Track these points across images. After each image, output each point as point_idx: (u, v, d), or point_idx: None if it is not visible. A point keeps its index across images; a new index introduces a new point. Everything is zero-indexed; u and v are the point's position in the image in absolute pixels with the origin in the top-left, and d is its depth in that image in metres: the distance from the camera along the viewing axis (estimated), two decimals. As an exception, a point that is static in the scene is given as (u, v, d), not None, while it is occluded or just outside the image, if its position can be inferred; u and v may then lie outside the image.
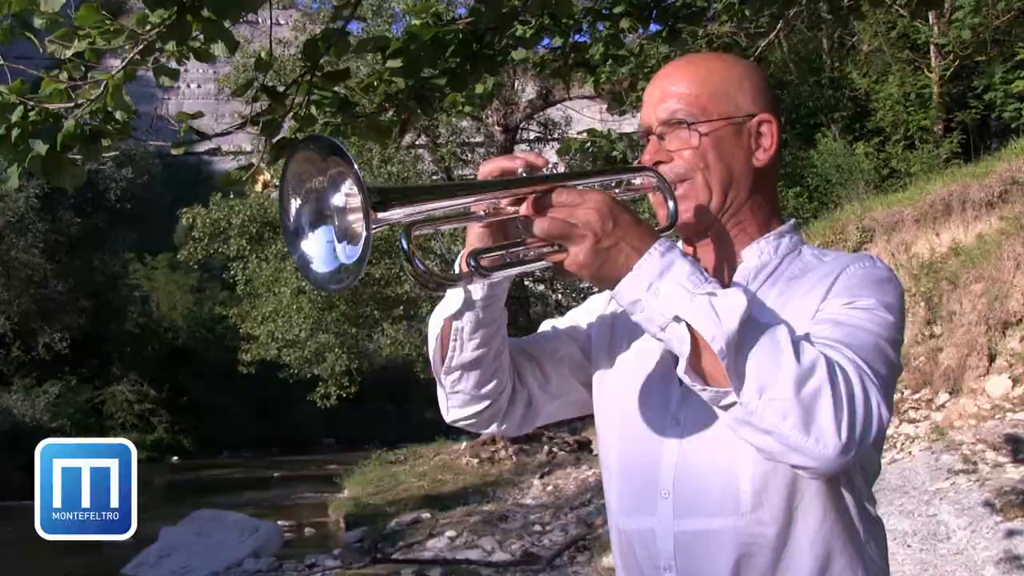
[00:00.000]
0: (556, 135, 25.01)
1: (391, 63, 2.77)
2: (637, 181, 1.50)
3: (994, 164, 12.75)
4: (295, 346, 19.14)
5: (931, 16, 15.90)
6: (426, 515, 13.50)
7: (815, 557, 1.37)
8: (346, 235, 1.18)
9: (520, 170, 1.28)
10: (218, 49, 2.34)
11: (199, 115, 2.85)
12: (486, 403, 1.55)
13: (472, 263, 1.25)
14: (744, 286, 1.44)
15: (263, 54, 2.95)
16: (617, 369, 1.59)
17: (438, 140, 20.12)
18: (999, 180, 12.14)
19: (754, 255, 1.50)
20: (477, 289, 1.41)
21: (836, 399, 1.15)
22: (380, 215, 1.11)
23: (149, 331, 40.66)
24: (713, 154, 1.46)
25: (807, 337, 1.24)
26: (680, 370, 1.20)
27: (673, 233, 1.47)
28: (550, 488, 16.30)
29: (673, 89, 1.49)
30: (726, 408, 1.19)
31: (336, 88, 2.86)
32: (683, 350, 1.18)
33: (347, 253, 1.17)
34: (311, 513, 17.50)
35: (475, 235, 1.36)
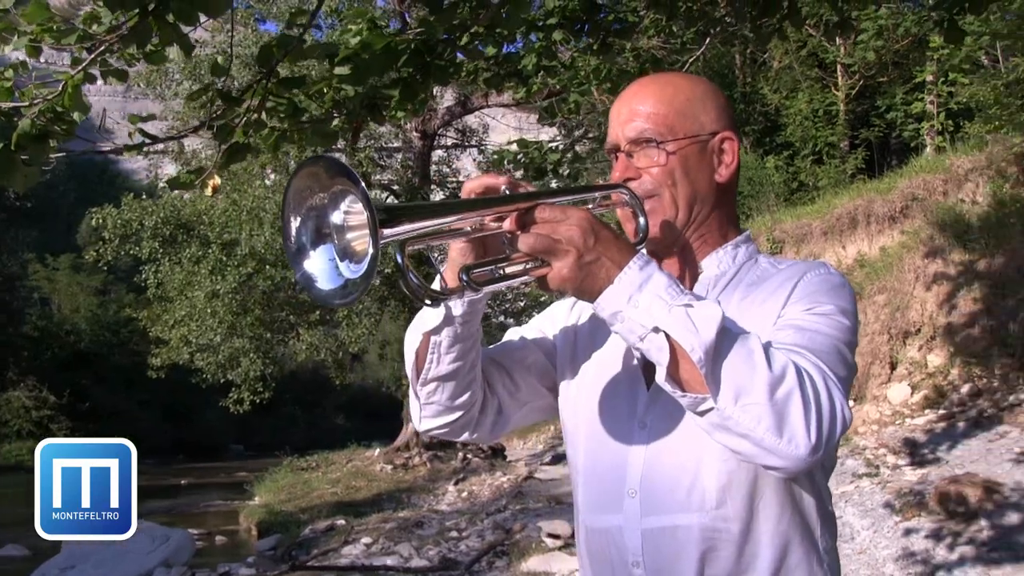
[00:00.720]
0: (474, 142, 25.07)
1: (339, 70, 2.78)
2: (608, 197, 1.56)
3: (896, 181, 13.30)
4: (208, 351, 18.76)
5: (838, 37, 16.52)
6: (341, 522, 13.36)
7: (774, 549, 1.45)
8: (347, 253, 1.21)
9: (504, 187, 1.33)
10: (173, 53, 2.33)
11: (151, 117, 2.81)
12: (459, 413, 1.59)
13: (464, 278, 1.29)
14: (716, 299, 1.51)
15: (220, 59, 2.93)
16: (582, 375, 1.65)
17: (356, 145, 19.99)
18: (901, 196, 12.68)
19: (713, 264, 1.58)
20: (458, 305, 1.45)
21: (806, 402, 1.22)
22: (387, 231, 1.14)
23: (49, 334, 39.26)
24: (680, 171, 1.53)
25: (772, 342, 1.31)
26: (659, 378, 1.25)
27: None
28: (465, 494, 16.32)
29: (641, 108, 1.55)
30: (703, 413, 1.25)
31: (289, 95, 2.86)
32: (662, 359, 1.23)
33: (351, 270, 1.20)
34: (222, 521, 17.12)
35: (457, 250, 1.40)
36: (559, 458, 20.77)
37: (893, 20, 15.72)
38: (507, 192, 1.32)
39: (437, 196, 23.22)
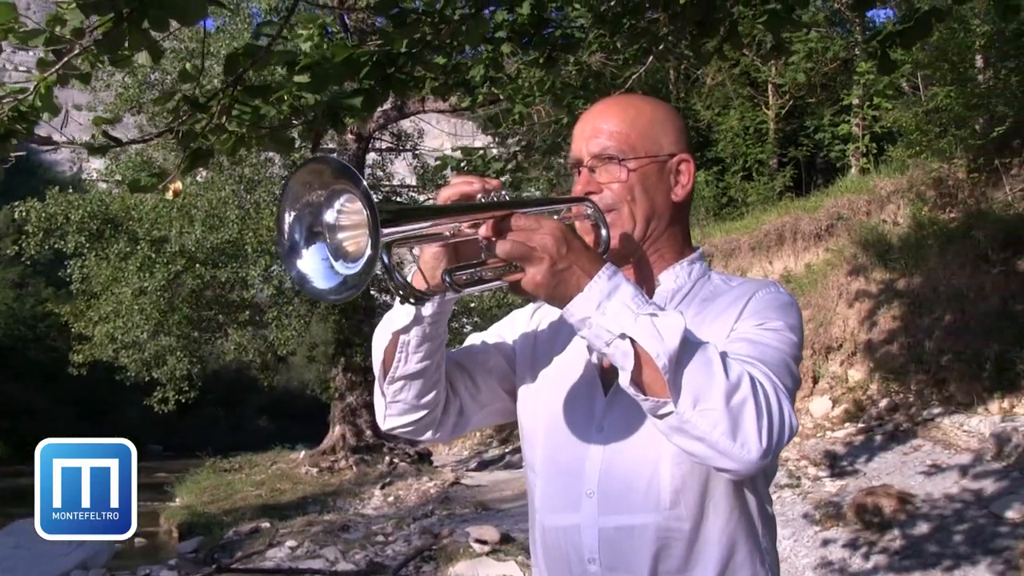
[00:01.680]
0: (408, 147, 25.01)
1: (299, 78, 2.81)
2: (570, 209, 1.63)
3: (823, 200, 13.71)
4: (134, 348, 18.39)
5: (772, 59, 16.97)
6: (265, 524, 13.19)
7: (722, 548, 1.54)
8: (340, 253, 1.25)
9: (479, 194, 1.39)
10: (141, 58, 2.33)
11: (116, 120, 2.80)
12: (424, 412, 1.64)
13: (448, 279, 1.35)
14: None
15: (188, 66, 2.93)
16: (542, 380, 1.71)
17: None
18: (827, 215, 13.08)
19: (670, 279, 1.66)
20: (428, 306, 1.50)
21: (758, 410, 1.30)
22: (386, 231, 1.17)
23: (-40, 328, 37.93)
24: (639, 188, 1.61)
25: (727, 353, 1.39)
26: (623, 382, 1.32)
27: None
28: (391, 499, 16.25)
29: (604, 127, 1.63)
30: (662, 417, 1.32)
31: (254, 102, 2.87)
32: (626, 364, 1.30)
33: (347, 267, 1.24)
34: (141, 522, 16.48)
35: (431, 254, 1.44)
36: (485, 464, 20.84)
37: (823, 44, 16.22)
38: (481, 198, 1.38)
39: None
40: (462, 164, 5.08)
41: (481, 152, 5.09)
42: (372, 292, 22.05)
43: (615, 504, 1.55)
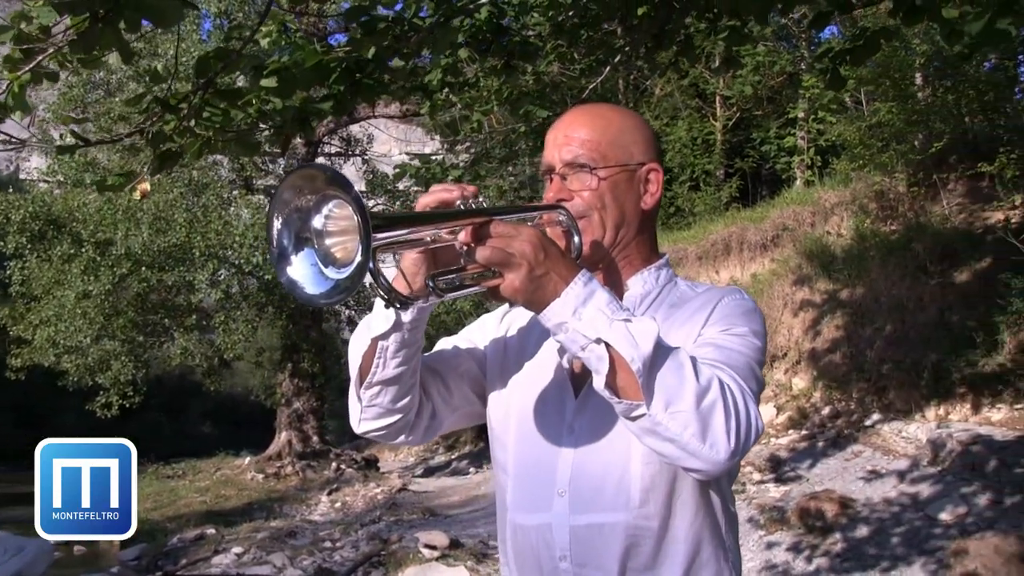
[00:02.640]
0: (357, 152, 24.91)
1: (265, 82, 2.83)
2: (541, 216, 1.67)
3: (768, 211, 13.97)
4: (77, 352, 17.99)
5: (725, 71, 17.26)
6: (210, 531, 13.03)
7: (689, 544, 1.60)
8: (328, 259, 1.28)
9: (458, 200, 1.43)
10: (112, 59, 2.34)
11: (84, 120, 2.79)
12: (399, 416, 1.67)
13: (431, 284, 1.39)
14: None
15: (159, 67, 2.94)
16: (513, 383, 1.76)
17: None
18: (772, 226, 13.34)
19: (639, 284, 1.72)
20: (408, 312, 1.54)
21: (727, 412, 1.36)
22: (377, 235, 1.21)
23: None
24: (609, 195, 1.66)
25: (696, 358, 1.45)
26: (597, 385, 1.37)
27: None
28: (338, 504, 16.18)
29: (576, 135, 1.68)
30: (635, 419, 1.37)
31: (224, 105, 2.89)
32: (601, 368, 1.35)
33: (338, 272, 1.28)
34: (80, 531, 16.38)
35: (411, 260, 1.48)
36: (432, 471, 20.81)
37: (770, 58, 16.53)
38: (460, 206, 1.42)
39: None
40: (420, 171, 5.12)
41: (439, 160, 5.14)
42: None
43: (586, 503, 1.60)
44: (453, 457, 22.20)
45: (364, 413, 1.67)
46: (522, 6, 4.85)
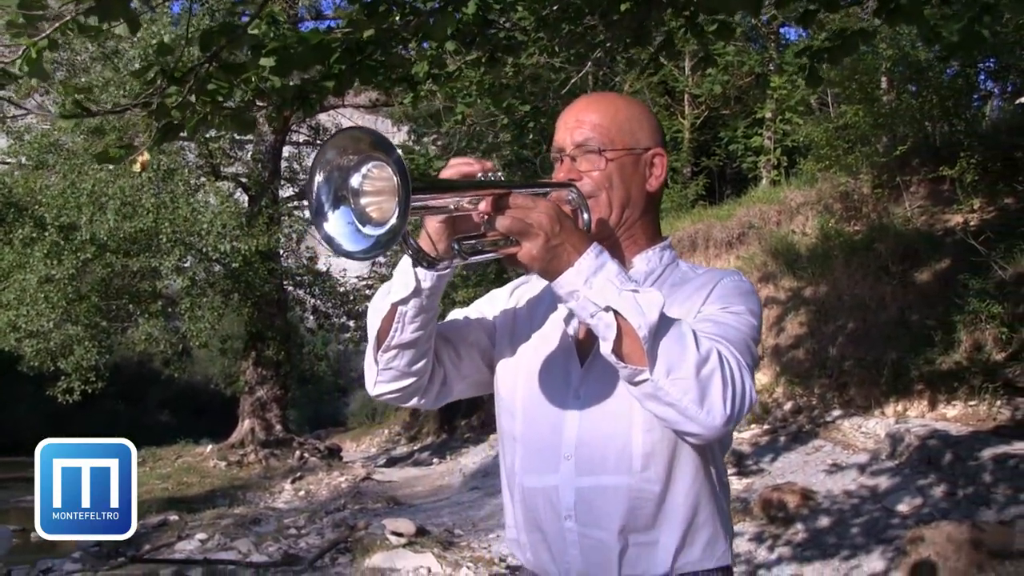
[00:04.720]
0: (325, 140, 24.83)
1: (264, 61, 2.88)
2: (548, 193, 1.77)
3: (735, 209, 14.15)
4: (39, 337, 17.72)
5: (701, 69, 17.44)
6: (173, 517, 12.99)
7: (687, 507, 1.71)
8: (364, 218, 1.37)
9: (479, 174, 1.52)
10: (119, 28, 2.38)
11: (88, 89, 2.82)
12: (413, 379, 1.76)
13: (456, 247, 1.49)
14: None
15: (166, 38, 2.98)
16: (521, 353, 1.86)
17: (208, 135, 19.47)
18: (739, 224, 13.53)
19: (643, 262, 1.82)
20: (428, 278, 1.63)
21: (724, 381, 1.46)
22: (415, 197, 1.28)
23: None
24: (617, 177, 1.76)
25: (696, 331, 1.55)
26: (604, 351, 1.47)
27: None
28: (302, 492, 16.18)
29: (587, 119, 1.78)
30: (638, 384, 1.47)
31: (228, 80, 2.93)
32: (608, 335, 1.45)
33: (375, 230, 1.36)
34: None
35: (433, 228, 1.57)
36: (394, 461, 20.84)
37: (739, 58, 16.72)
38: (480, 178, 1.51)
39: (288, 191, 22.93)
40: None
41: (424, 151, 5.21)
42: (287, 286, 21.87)
43: (590, 466, 1.70)
44: (416, 448, 22.25)
45: (380, 376, 1.76)
46: (509, 4, 4.93)
